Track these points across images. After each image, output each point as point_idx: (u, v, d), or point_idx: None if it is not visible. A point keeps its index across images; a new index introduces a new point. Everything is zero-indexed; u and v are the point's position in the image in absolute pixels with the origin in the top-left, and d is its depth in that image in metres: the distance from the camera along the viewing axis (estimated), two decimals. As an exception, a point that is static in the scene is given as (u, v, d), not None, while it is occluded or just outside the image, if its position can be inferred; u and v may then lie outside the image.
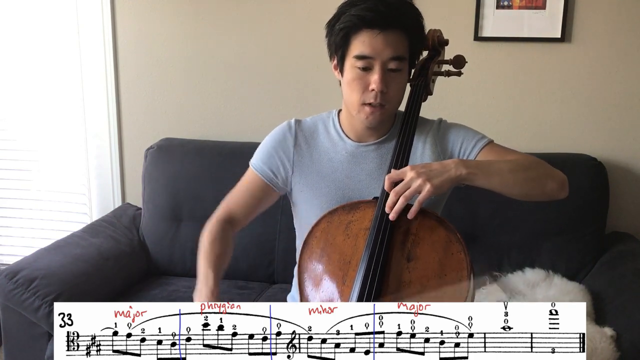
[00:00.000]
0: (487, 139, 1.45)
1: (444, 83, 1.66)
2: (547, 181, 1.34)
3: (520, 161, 1.35)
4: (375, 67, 1.34)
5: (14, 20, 2.70)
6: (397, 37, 1.34)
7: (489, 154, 1.41)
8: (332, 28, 1.39)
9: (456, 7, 2.39)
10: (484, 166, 1.29)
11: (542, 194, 1.34)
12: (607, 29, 2.34)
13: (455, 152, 1.45)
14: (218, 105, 2.64)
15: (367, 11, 1.32)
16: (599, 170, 2.29)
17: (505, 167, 1.30)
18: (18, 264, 2.12)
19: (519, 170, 1.31)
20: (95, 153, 2.75)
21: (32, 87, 2.75)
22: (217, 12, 2.56)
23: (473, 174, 1.25)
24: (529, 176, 1.32)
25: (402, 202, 1.21)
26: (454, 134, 1.46)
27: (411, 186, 1.21)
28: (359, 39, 1.34)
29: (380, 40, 1.32)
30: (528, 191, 1.32)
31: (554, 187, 1.34)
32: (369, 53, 1.33)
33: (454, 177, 1.23)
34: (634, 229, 2.42)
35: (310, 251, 1.31)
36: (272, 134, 1.54)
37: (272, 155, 1.51)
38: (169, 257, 2.48)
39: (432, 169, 1.23)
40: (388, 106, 1.39)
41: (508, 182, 1.29)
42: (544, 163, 1.38)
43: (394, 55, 1.34)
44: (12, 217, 2.88)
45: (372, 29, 1.32)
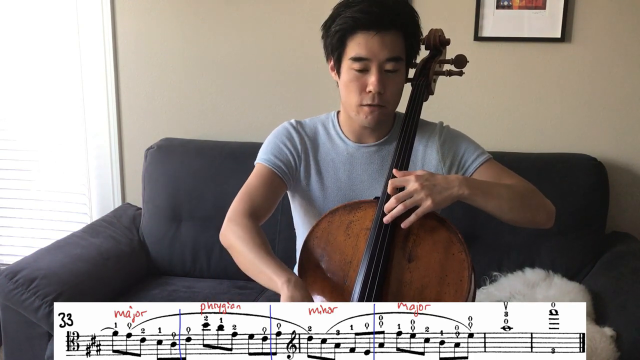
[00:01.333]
0: (487, 155, 1.47)
1: (444, 83, 1.66)
2: (539, 211, 1.38)
3: (519, 189, 1.37)
4: (372, 69, 1.34)
5: (14, 21, 2.69)
6: (394, 38, 1.34)
7: (487, 171, 1.44)
8: (328, 30, 1.38)
9: (456, 7, 2.39)
10: (485, 188, 1.31)
11: (530, 222, 1.39)
12: (607, 29, 2.34)
13: (456, 162, 1.46)
14: (218, 105, 2.64)
15: (361, 13, 1.31)
16: (599, 170, 2.29)
17: (505, 193, 1.33)
18: (18, 264, 2.11)
19: (516, 198, 1.34)
20: (95, 153, 2.75)
21: (32, 87, 2.75)
22: (217, 12, 2.56)
23: (474, 195, 1.28)
24: (524, 204, 1.35)
25: (400, 210, 1.22)
26: (457, 144, 1.47)
27: (413, 197, 1.22)
28: (355, 41, 1.34)
29: (376, 42, 1.32)
30: (519, 219, 1.36)
31: (543, 218, 1.39)
32: (365, 55, 1.33)
33: (455, 195, 1.25)
34: (634, 229, 2.42)
35: (310, 251, 1.31)
36: (276, 132, 1.53)
37: (281, 148, 1.48)
38: (169, 257, 2.48)
39: (436, 184, 1.24)
40: (386, 106, 1.39)
41: (504, 207, 1.32)
42: (538, 192, 1.41)
43: (391, 56, 1.34)
44: (12, 217, 2.87)
45: (368, 31, 1.32)
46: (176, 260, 2.47)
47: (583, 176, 2.26)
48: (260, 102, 2.60)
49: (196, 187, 2.46)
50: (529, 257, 2.25)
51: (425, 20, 1.42)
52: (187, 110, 2.67)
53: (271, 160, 1.47)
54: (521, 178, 1.44)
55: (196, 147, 2.52)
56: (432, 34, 1.50)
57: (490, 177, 1.42)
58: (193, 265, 2.47)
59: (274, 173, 1.45)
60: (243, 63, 2.59)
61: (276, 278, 1.18)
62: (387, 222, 1.23)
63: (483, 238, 2.29)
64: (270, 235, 2.39)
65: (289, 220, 1.65)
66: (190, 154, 2.50)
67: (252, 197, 1.41)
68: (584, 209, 2.25)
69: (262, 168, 1.47)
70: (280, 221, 2.35)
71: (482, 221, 2.29)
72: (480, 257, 2.20)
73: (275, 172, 1.46)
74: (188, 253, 2.46)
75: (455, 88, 2.31)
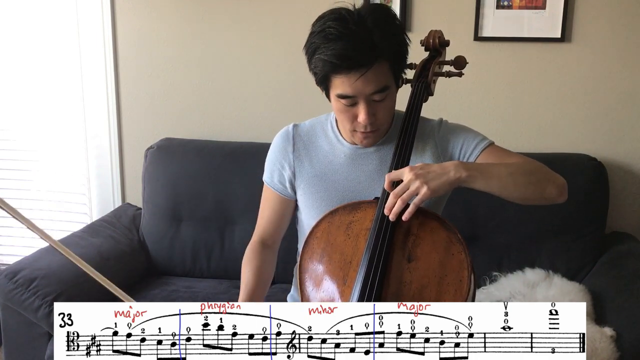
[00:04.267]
0: (487, 140, 1.44)
1: (443, 83, 1.66)
2: (547, 186, 1.32)
3: (521, 165, 1.33)
4: (360, 103, 1.32)
5: (14, 21, 2.69)
6: (377, 71, 1.28)
7: (489, 156, 1.40)
8: (309, 62, 1.35)
9: (456, 7, 2.39)
10: (483, 169, 1.27)
11: (540, 198, 1.32)
12: (607, 29, 2.34)
13: (456, 153, 1.44)
14: (218, 105, 2.64)
15: (339, 59, 1.25)
16: (599, 170, 2.29)
17: (505, 170, 1.28)
18: (18, 264, 2.12)
19: (518, 174, 1.29)
20: (95, 153, 2.75)
21: (32, 87, 2.75)
22: (217, 12, 2.56)
23: (472, 177, 1.23)
24: (529, 180, 1.30)
25: (400, 205, 1.21)
26: (455, 135, 1.45)
27: (409, 188, 1.21)
28: (339, 80, 1.30)
29: (360, 82, 1.28)
30: (527, 195, 1.30)
31: (553, 191, 1.32)
32: (350, 93, 1.30)
33: (452, 179, 1.22)
34: (634, 229, 2.43)
35: (311, 251, 1.31)
36: (272, 146, 1.55)
37: (277, 167, 1.52)
38: (169, 257, 2.48)
39: (430, 171, 1.22)
40: (380, 129, 1.39)
41: (507, 185, 1.27)
42: (544, 167, 1.36)
43: (377, 89, 1.30)
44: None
45: (349, 74, 1.27)
46: (176, 260, 2.48)
47: (583, 176, 2.26)
48: (260, 102, 2.61)
49: (196, 187, 2.46)
50: (529, 257, 2.25)
51: (425, 21, 1.42)
52: (187, 110, 2.67)
53: (271, 181, 1.54)
54: (527, 157, 1.38)
55: (196, 147, 2.52)
56: (432, 35, 1.49)
57: (494, 161, 1.37)
58: (193, 265, 2.47)
59: (276, 194, 1.54)
60: (243, 63, 2.59)
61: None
62: (392, 219, 1.22)
63: (483, 238, 2.29)
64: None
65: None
66: (190, 154, 2.50)
67: (261, 225, 1.56)
68: (584, 209, 2.25)
69: (266, 190, 1.56)
70: (280, 221, 2.35)
71: (482, 221, 2.29)
72: (480, 257, 2.20)
73: (277, 193, 1.53)
74: (188, 253, 2.46)
75: (455, 88, 2.31)
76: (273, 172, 1.53)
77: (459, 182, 1.23)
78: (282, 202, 1.53)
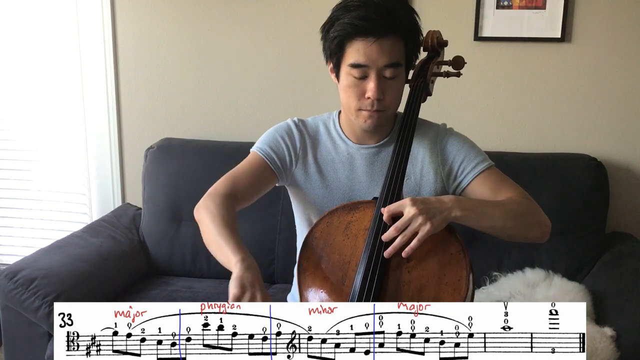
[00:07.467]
0: (487, 162, 1.45)
1: (443, 83, 1.66)
2: (533, 229, 1.36)
3: (513, 206, 1.35)
4: (371, 75, 1.33)
5: (14, 21, 2.69)
6: (393, 43, 1.32)
7: (485, 180, 1.42)
8: (327, 34, 1.37)
9: (456, 7, 2.39)
10: (478, 211, 1.29)
11: (523, 239, 1.38)
12: (607, 29, 2.34)
13: (455, 168, 1.44)
14: (218, 105, 2.64)
15: (360, 20, 1.29)
16: (599, 170, 2.29)
17: (498, 213, 1.31)
18: (18, 264, 2.12)
19: (509, 217, 1.32)
20: (95, 153, 2.75)
21: (32, 87, 2.75)
22: (217, 12, 2.56)
23: (466, 217, 1.27)
24: (517, 224, 1.33)
25: (400, 242, 1.21)
26: (457, 149, 1.45)
27: (411, 224, 1.20)
28: (354, 47, 1.32)
29: (375, 48, 1.31)
30: (512, 236, 1.36)
31: (537, 235, 1.37)
32: (363, 62, 1.32)
33: (449, 217, 1.24)
34: (634, 229, 2.42)
35: (309, 251, 1.31)
36: (277, 126, 1.53)
37: (279, 142, 1.49)
38: (169, 257, 2.48)
39: (432, 207, 1.22)
40: (385, 111, 1.38)
41: (496, 227, 1.31)
42: (534, 209, 1.38)
43: (389, 62, 1.32)
44: (12, 217, 2.87)
45: (367, 37, 1.30)
46: (176, 260, 2.47)
47: (583, 176, 2.26)
48: (260, 102, 2.60)
49: (196, 187, 2.43)
50: (529, 257, 2.25)
51: (425, 21, 1.42)
52: (187, 110, 2.67)
53: (266, 151, 1.47)
54: (520, 190, 1.41)
55: (196, 147, 2.52)
56: (430, 35, 1.49)
57: (488, 187, 1.41)
58: (193, 265, 2.47)
59: (265, 163, 1.46)
60: (243, 63, 2.59)
61: (232, 255, 1.20)
62: (388, 256, 1.22)
63: (483, 238, 2.26)
64: (271, 235, 2.39)
65: (289, 221, 1.65)
66: (190, 154, 2.50)
67: (236, 181, 1.41)
68: (584, 209, 2.25)
69: (254, 156, 1.48)
70: (280, 221, 2.35)
71: (482, 221, 2.29)
72: (480, 257, 2.20)
73: (267, 162, 1.46)
74: (188, 253, 2.46)
75: (455, 88, 2.31)
76: (273, 145, 1.47)
77: (454, 219, 1.26)
78: (267, 175, 1.45)
